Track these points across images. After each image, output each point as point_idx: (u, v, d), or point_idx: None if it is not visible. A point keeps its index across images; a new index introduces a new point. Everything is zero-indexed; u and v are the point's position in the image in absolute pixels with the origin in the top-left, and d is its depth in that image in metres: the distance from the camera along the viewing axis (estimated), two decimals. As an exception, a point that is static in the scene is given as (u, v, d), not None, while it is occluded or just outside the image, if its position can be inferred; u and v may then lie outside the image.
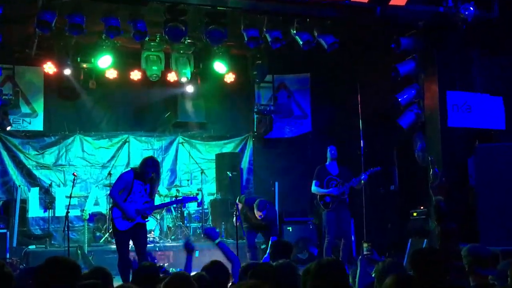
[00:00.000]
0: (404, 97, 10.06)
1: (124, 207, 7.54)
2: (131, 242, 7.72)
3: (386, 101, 10.57)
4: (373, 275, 4.18)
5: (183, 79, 12.12)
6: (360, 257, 4.82)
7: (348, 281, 3.53)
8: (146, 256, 7.76)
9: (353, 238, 11.17)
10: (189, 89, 12.83)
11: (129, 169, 7.95)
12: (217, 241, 5.73)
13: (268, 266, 4.09)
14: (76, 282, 3.35)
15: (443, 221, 3.75)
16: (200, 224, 11.81)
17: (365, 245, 10.39)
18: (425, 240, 9.74)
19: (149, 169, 7.60)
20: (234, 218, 9.48)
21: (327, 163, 9.74)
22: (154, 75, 11.65)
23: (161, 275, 4.47)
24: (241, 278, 4.22)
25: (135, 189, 7.59)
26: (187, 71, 11.96)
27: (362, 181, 9.60)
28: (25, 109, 12.37)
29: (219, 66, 12.22)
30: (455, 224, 3.70)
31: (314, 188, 9.60)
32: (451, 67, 9.66)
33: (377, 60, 11.06)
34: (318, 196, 9.60)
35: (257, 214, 9.05)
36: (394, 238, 11.06)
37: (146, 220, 7.74)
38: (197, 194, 12.23)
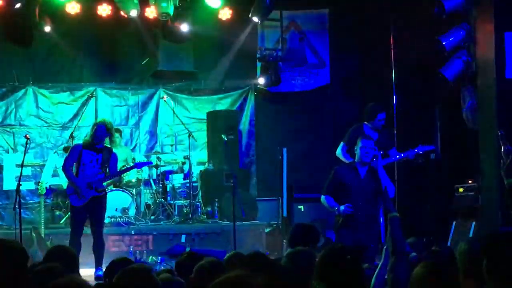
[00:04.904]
0: (450, 40, 9.98)
1: (77, 183, 8.60)
2: None
3: (426, 45, 10.48)
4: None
5: (165, 16, 12.00)
6: (385, 246, 4.84)
7: (361, 273, 3.66)
8: (101, 236, 8.78)
9: (381, 221, 11.21)
10: (174, 28, 12.71)
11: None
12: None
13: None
14: (24, 271, 3.34)
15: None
16: (187, 201, 11.84)
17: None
18: (473, 223, 9.80)
19: (98, 134, 8.63)
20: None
21: (367, 124, 9.17)
22: (131, 11, 11.56)
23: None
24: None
25: (85, 159, 8.64)
26: (170, 5, 11.84)
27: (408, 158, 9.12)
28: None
29: (212, -1, 12.10)
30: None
31: (339, 152, 9.25)
32: (512, 1, 9.57)
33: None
34: None
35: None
36: (435, 220, 11.10)
37: (100, 192, 8.67)
38: (184, 163, 12.24)
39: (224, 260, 4.64)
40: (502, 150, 8.38)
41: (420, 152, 8.92)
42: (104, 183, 8.73)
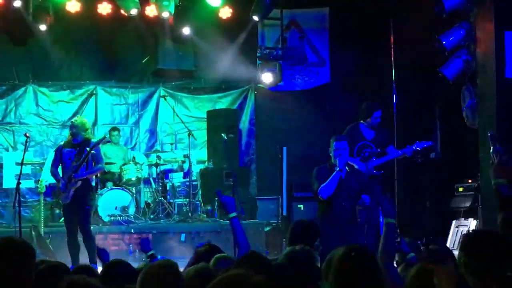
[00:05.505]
0: (450, 39, 9.99)
1: (62, 181, 8.96)
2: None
3: (426, 44, 10.49)
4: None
5: (166, 14, 12.03)
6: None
7: (380, 275, 3.59)
8: (88, 231, 8.97)
9: (380, 220, 11.20)
10: (174, 27, 12.72)
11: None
12: (232, 214, 5.37)
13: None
14: (29, 270, 3.34)
15: (505, 209, 3.73)
16: (187, 199, 11.86)
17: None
18: (473, 222, 9.82)
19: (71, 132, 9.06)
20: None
21: (363, 123, 9.01)
22: (131, 9, 11.58)
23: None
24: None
25: (64, 158, 9.03)
26: (171, 3, 11.86)
27: (405, 155, 9.05)
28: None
29: (212, -2, 12.10)
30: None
31: None
32: (512, 0, 9.57)
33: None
34: None
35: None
36: (434, 220, 11.11)
37: (76, 183, 8.85)
38: (183, 162, 12.25)
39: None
40: (491, 151, 8.35)
41: (418, 148, 8.77)
42: (78, 172, 8.86)
